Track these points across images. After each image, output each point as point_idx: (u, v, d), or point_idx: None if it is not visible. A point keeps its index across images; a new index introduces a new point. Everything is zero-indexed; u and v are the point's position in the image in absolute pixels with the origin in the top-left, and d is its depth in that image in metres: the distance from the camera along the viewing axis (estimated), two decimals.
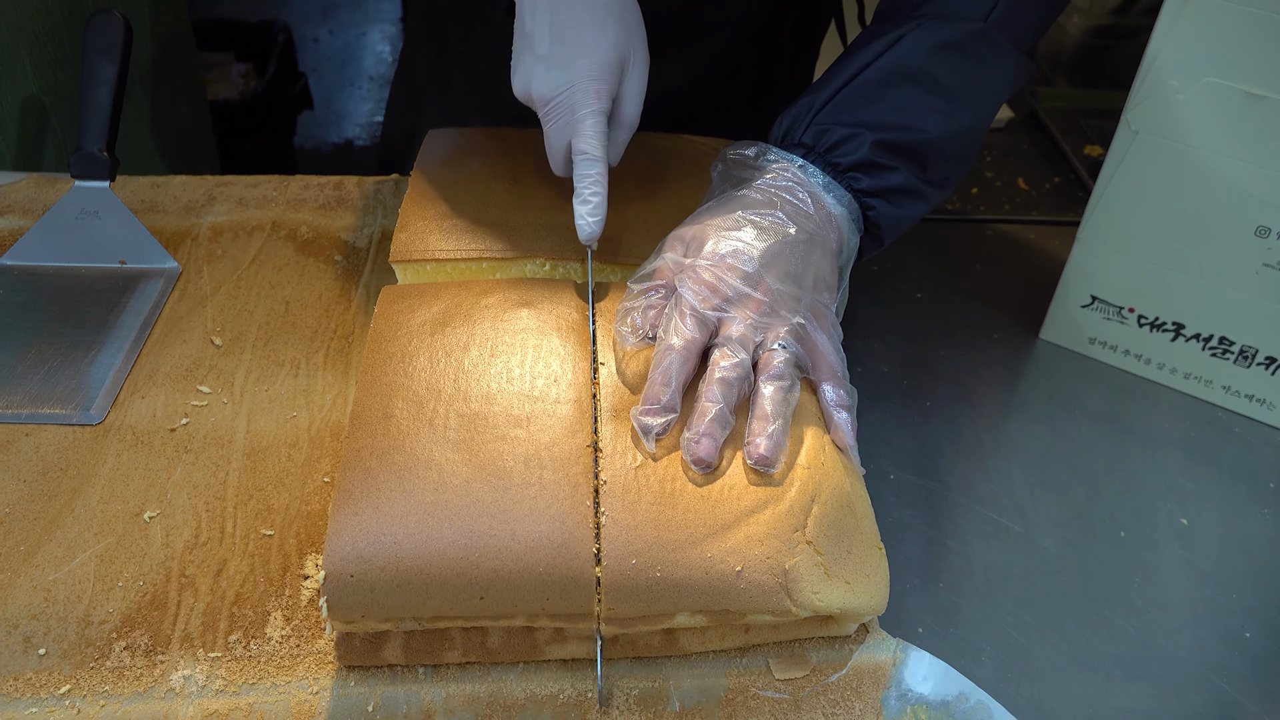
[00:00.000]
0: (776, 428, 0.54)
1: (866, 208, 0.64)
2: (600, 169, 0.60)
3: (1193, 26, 0.67)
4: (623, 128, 0.64)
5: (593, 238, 0.62)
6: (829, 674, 0.55)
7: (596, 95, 0.60)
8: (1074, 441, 0.74)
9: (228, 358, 0.72)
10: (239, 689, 0.53)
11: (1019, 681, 0.59)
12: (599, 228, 0.61)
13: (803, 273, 0.60)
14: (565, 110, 0.60)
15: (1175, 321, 0.77)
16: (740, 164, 0.66)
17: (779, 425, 0.54)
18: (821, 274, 0.61)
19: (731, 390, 0.55)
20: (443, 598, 0.50)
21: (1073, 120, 1.14)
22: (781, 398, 0.55)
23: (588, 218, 0.61)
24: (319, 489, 0.63)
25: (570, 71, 0.60)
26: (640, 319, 0.58)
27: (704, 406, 0.54)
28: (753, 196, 0.62)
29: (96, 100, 0.80)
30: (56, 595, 0.57)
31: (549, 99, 0.61)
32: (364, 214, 0.86)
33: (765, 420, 0.54)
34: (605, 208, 0.61)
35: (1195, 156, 0.70)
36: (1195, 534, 0.68)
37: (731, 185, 0.65)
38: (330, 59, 2.83)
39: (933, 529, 0.67)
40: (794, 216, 0.61)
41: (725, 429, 0.54)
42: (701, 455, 0.53)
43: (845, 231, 0.64)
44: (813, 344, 0.58)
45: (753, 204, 0.62)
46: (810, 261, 0.60)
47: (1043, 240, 0.95)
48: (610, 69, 0.60)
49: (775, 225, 0.60)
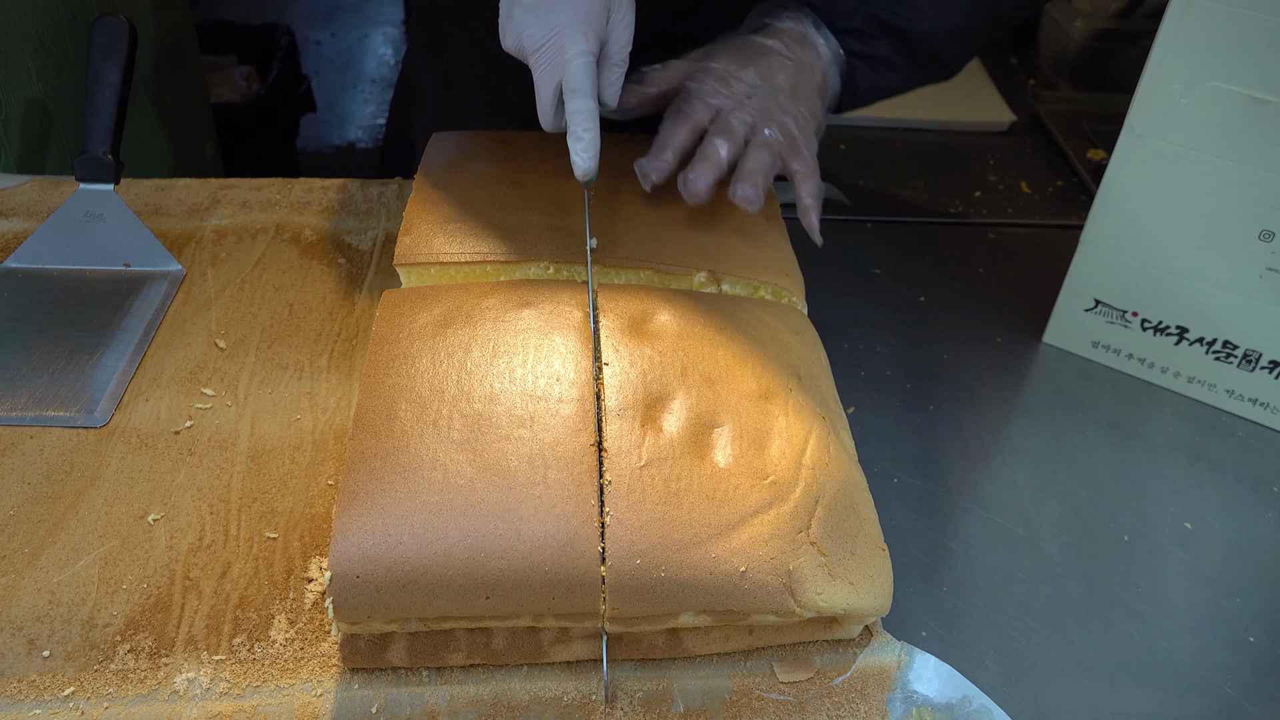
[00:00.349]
0: (760, 179, 0.67)
1: (849, 66, 0.77)
2: (590, 105, 0.63)
3: (1196, 30, 0.67)
4: (613, 65, 0.66)
5: (589, 173, 0.65)
6: (833, 676, 0.55)
7: (584, 36, 0.62)
8: (1077, 445, 0.74)
9: (232, 360, 0.72)
10: (243, 691, 0.53)
11: (1022, 685, 0.59)
12: (594, 162, 0.64)
13: (793, 88, 0.73)
14: (554, 53, 0.63)
15: (1179, 325, 0.77)
16: (762, 13, 0.78)
17: (762, 178, 0.68)
18: (807, 95, 0.73)
19: (722, 149, 0.68)
20: (448, 598, 0.50)
21: (1075, 124, 1.14)
22: (767, 160, 0.69)
23: (582, 154, 0.64)
24: (323, 492, 0.63)
25: (556, 16, 0.62)
26: None
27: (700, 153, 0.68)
28: (761, 36, 0.75)
29: (101, 103, 0.81)
30: (61, 597, 0.57)
31: (538, 46, 0.63)
32: (368, 217, 0.86)
33: (753, 173, 0.67)
34: (599, 145, 0.64)
35: (1199, 160, 0.70)
36: (1199, 538, 0.68)
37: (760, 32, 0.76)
38: (333, 62, 2.84)
39: (936, 532, 0.67)
40: (793, 50, 0.74)
41: (717, 172, 0.67)
42: (698, 189, 0.67)
43: (829, 76, 0.76)
44: (794, 141, 0.70)
45: (761, 39, 0.74)
46: (800, 83, 0.73)
47: (1046, 244, 0.95)
48: (595, 12, 0.63)
49: (777, 52, 0.73)
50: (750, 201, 0.67)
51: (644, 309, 0.62)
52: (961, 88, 1.20)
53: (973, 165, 1.09)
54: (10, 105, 0.95)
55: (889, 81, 0.78)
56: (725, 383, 0.58)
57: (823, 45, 0.75)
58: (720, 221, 0.71)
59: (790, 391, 0.59)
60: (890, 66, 0.77)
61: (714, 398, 0.57)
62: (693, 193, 0.67)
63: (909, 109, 1.14)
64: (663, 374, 0.58)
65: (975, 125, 1.15)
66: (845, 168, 1.07)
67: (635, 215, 0.70)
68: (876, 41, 0.76)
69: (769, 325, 0.63)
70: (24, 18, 0.97)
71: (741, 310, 0.64)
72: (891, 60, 0.77)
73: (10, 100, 0.95)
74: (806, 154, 0.71)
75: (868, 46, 0.76)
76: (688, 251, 0.68)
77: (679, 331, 0.61)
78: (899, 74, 0.78)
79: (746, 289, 0.68)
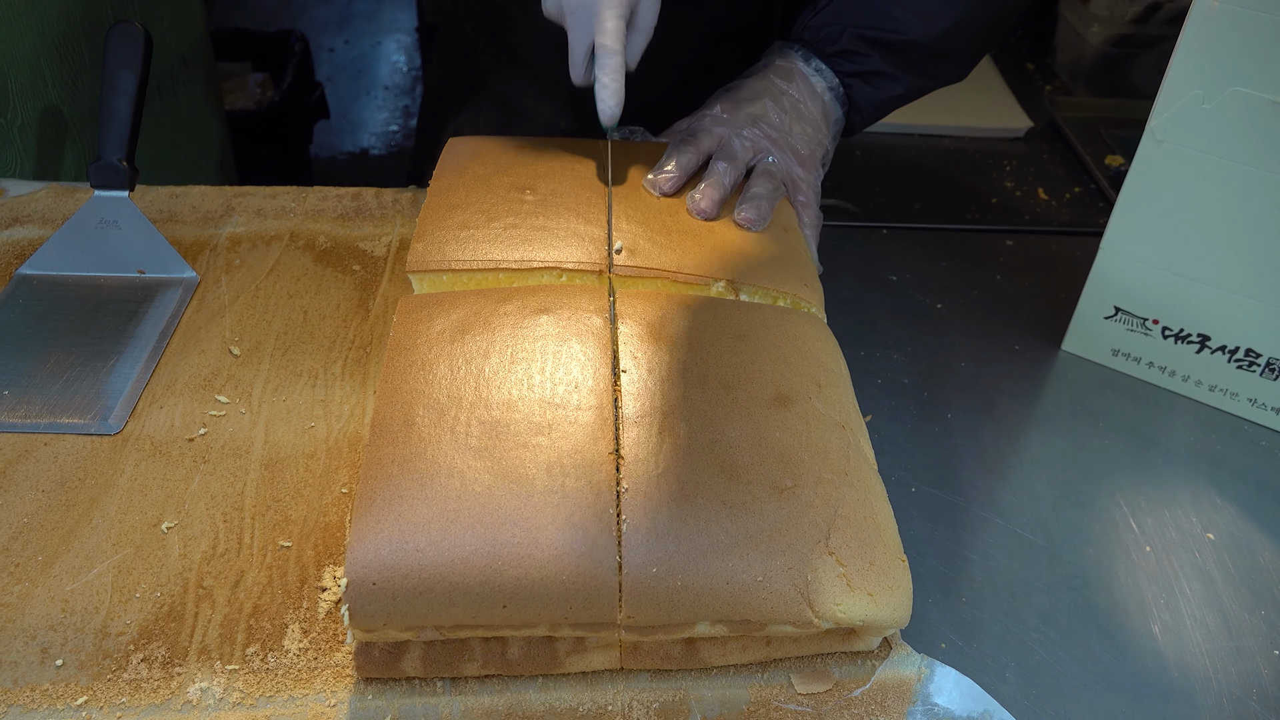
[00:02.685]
0: (764, 203, 0.72)
1: (847, 86, 0.80)
2: (619, 60, 0.69)
3: (1219, 36, 0.66)
4: (640, 32, 0.72)
5: (613, 118, 0.69)
6: (852, 689, 0.54)
7: (617, 3, 0.68)
8: (1097, 454, 0.73)
9: (246, 367, 0.72)
10: (256, 701, 0.53)
11: (1044, 699, 0.58)
12: (618, 109, 0.69)
13: (793, 120, 0.78)
14: (588, 14, 0.69)
15: (1200, 333, 0.76)
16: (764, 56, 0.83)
17: (765, 202, 0.72)
18: (807, 125, 0.78)
19: (725, 173, 0.73)
20: (465, 606, 0.50)
21: (1093, 130, 1.14)
22: (770, 186, 0.73)
23: (608, 100, 0.69)
24: (337, 500, 0.63)
25: None
26: None
27: (706, 175, 0.73)
28: (754, 79, 0.80)
29: (116, 110, 0.81)
30: (74, 606, 0.56)
31: (574, 8, 0.70)
32: (382, 223, 0.86)
33: (757, 197, 0.72)
34: (623, 95, 0.69)
35: (1222, 166, 0.70)
36: (1221, 549, 0.67)
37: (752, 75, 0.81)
38: (346, 69, 2.85)
39: (954, 542, 0.67)
40: (786, 86, 0.78)
41: (721, 192, 0.72)
42: (704, 207, 0.71)
43: (827, 101, 0.80)
44: (793, 173, 0.76)
45: (754, 81, 0.79)
46: (799, 114, 0.78)
47: (1064, 251, 0.95)
48: None
49: (770, 90, 0.78)
50: (753, 223, 0.71)
51: (662, 315, 0.62)
52: (978, 94, 1.19)
53: (989, 172, 1.09)
54: (26, 112, 0.95)
55: (891, 92, 0.80)
56: (744, 390, 0.58)
57: (814, 76, 0.79)
58: (739, 231, 0.71)
59: (810, 399, 0.58)
60: (887, 78, 0.79)
61: (733, 405, 0.57)
62: (699, 210, 0.71)
63: (925, 116, 1.13)
64: (681, 381, 0.58)
65: (992, 131, 1.15)
66: (861, 174, 1.06)
67: (652, 224, 0.70)
68: (866, 58, 0.78)
69: (788, 332, 0.63)
70: (40, 25, 0.97)
71: (761, 317, 0.63)
72: (887, 72, 0.79)
73: (26, 107, 0.95)
74: (805, 186, 0.76)
75: (859, 64, 0.79)
76: (706, 261, 0.67)
77: (697, 338, 0.60)
78: (899, 83, 0.80)
79: (765, 299, 0.67)
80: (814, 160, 0.78)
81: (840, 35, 0.78)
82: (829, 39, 0.79)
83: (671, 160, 0.74)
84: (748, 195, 0.73)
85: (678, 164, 0.73)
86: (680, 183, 0.73)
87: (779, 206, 0.74)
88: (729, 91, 0.79)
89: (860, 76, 0.79)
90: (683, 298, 0.64)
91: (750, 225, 0.71)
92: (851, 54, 0.79)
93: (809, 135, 0.78)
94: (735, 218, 0.71)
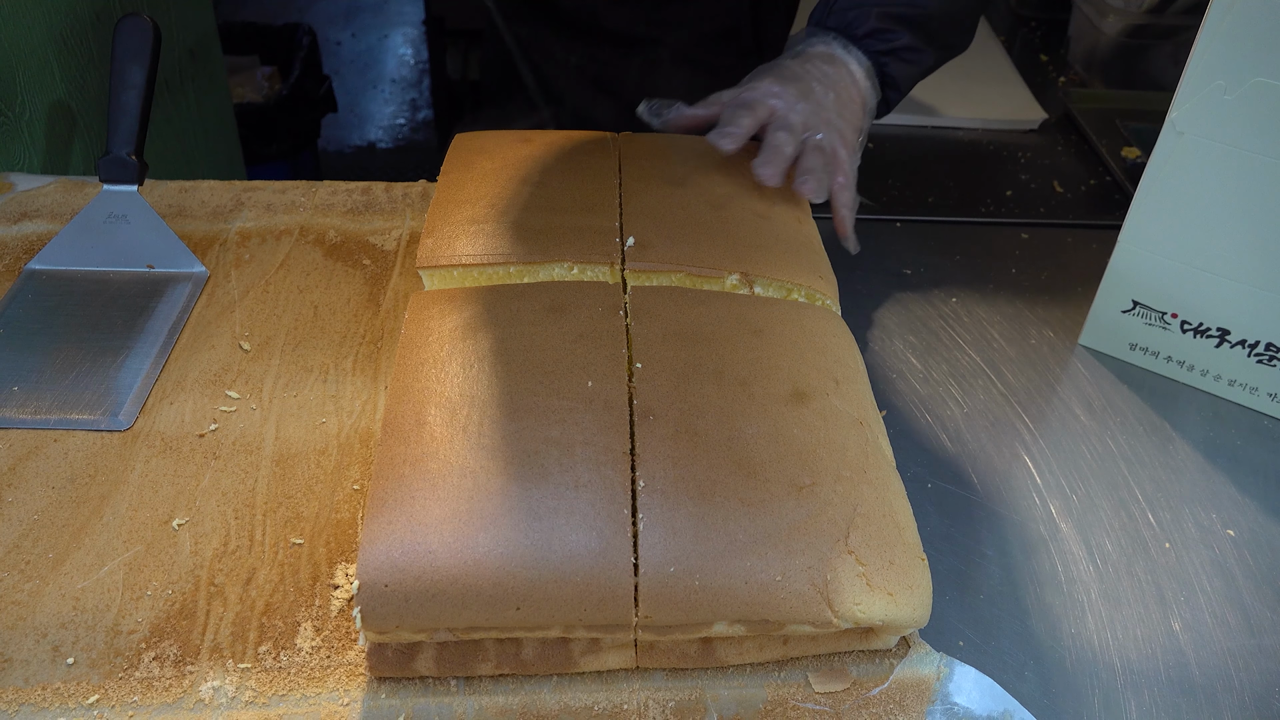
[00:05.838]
0: (823, 176, 0.75)
1: (881, 65, 0.82)
2: None
3: (1241, 25, 0.65)
4: None
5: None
6: (870, 687, 0.54)
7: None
8: (1114, 450, 0.73)
9: (256, 363, 0.71)
10: (269, 700, 0.52)
11: (1064, 698, 0.57)
12: None
13: (835, 102, 0.79)
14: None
15: (1220, 327, 0.75)
16: (791, 43, 0.85)
17: (824, 175, 0.75)
18: (848, 108, 0.80)
19: (786, 144, 0.74)
20: (478, 608, 0.49)
21: (1108, 122, 1.13)
22: (820, 161, 0.75)
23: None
24: (348, 497, 0.62)
25: None
26: None
27: (767, 144, 0.75)
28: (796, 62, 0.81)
29: (125, 104, 0.80)
30: (85, 604, 0.56)
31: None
32: (392, 217, 0.85)
33: (812, 170, 0.74)
34: None
35: (1243, 158, 0.69)
36: (1241, 545, 0.66)
37: (793, 57, 0.83)
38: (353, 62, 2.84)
39: (971, 538, 0.66)
40: (827, 70, 0.80)
41: (784, 163, 0.74)
42: (766, 174, 0.73)
43: (864, 86, 0.81)
44: (836, 153, 0.77)
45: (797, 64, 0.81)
46: (840, 97, 0.79)
47: (1080, 244, 0.94)
48: None
49: (813, 74, 0.79)
50: (815, 194, 0.75)
51: (677, 311, 0.61)
52: (992, 86, 1.18)
53: (1004, 164, 1.07)
54: (34, 106, 0.95)
55: (922, 65, 0.84)
56: (760, 386, 0.57)
57: (853, 61, 0.81)
58: (752, 223, 0.70)
59: (827, 396, 0.57)
60: (916, 51, 0.82)
61: (749, 402, 0.56)
62: (764, 178, 0.74)
63: (939, 108, 1.12)
64: (697, 377, 0.57)
65: (1006, 123, 1.14)
66: (875, 167, 1.05)
67: (666, 217, 0.69)
68: (895, 35, 0.81)
69: (804, 328, 0.62)
70: (48, 19, 0.97)
71: (776, 313, 0.63)
72: (915, 46, 0.82)
73: (34, 101, 0.95)
74: (847, 166, 0.77)
75: (889, 41, 0.81)
76: (720, 253, 0.67)
77: (712, 334, 0.60)
78: (928, 55, 0.83)
79: (780, 291, 0.66)
80: (855, 142, 0.79)
81: (867, 17, 0.81)
82: (856, 22, 0.81)
83: (736, 121, 0.75)
84: (804, 168, 0.75)
85: (741, 125, 0.75)
86: (742, 143, 0.75)
87: (792, 197, 0.74)
88: (773, 68, 0.81)
89: (893, 54, 0.82)
90: (697, 292, 0.63)
91: (814, 196, 0.74)
92: (881, 33, 0.81)
93: (850, 117, 0.80)
94: (798, 188, 0.74)
